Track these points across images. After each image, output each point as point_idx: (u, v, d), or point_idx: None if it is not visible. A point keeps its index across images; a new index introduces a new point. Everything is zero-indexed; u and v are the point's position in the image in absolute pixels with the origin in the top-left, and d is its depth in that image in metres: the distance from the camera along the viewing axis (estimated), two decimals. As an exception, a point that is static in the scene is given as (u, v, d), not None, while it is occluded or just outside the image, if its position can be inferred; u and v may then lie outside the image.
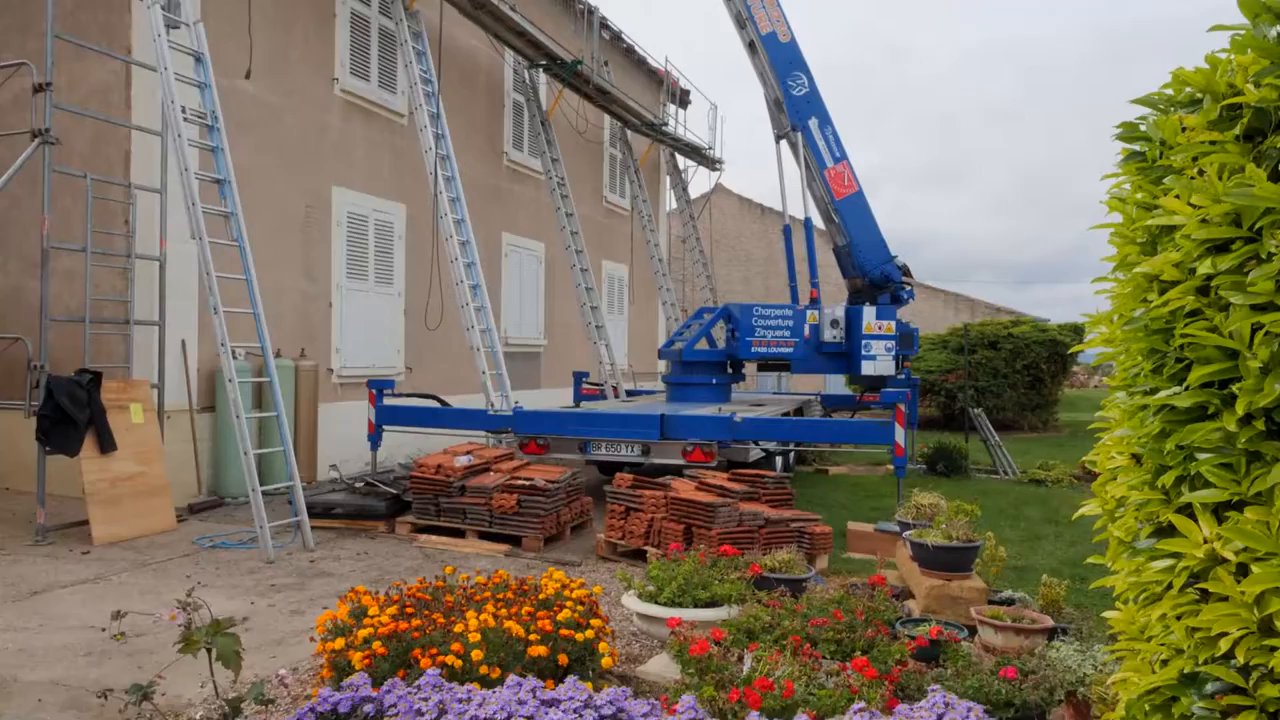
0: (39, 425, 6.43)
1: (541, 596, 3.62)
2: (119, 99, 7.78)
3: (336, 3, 9.81)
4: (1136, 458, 1.93)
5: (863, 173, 10.40)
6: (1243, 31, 1.70)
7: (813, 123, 10.12)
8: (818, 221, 10.59)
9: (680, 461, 7.48)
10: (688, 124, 17.76)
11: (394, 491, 7.31)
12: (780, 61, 10.22)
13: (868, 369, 9.66)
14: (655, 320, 18.64)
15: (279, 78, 9.05)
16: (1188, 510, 1.72)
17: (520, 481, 6.74)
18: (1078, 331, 17.28)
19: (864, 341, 9.64)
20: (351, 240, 10.04)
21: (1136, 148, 2.00)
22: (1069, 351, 16.59)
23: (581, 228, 13.13)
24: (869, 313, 9.71)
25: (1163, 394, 1.74)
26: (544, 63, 12.25)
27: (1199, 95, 1.82)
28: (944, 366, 17.50)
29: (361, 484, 7.60)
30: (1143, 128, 1.99)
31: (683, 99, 17.98)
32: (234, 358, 6.78)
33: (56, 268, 7.18)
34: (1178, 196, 1.74)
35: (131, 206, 7.58)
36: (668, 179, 18.23)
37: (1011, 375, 16.99)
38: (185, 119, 6.82)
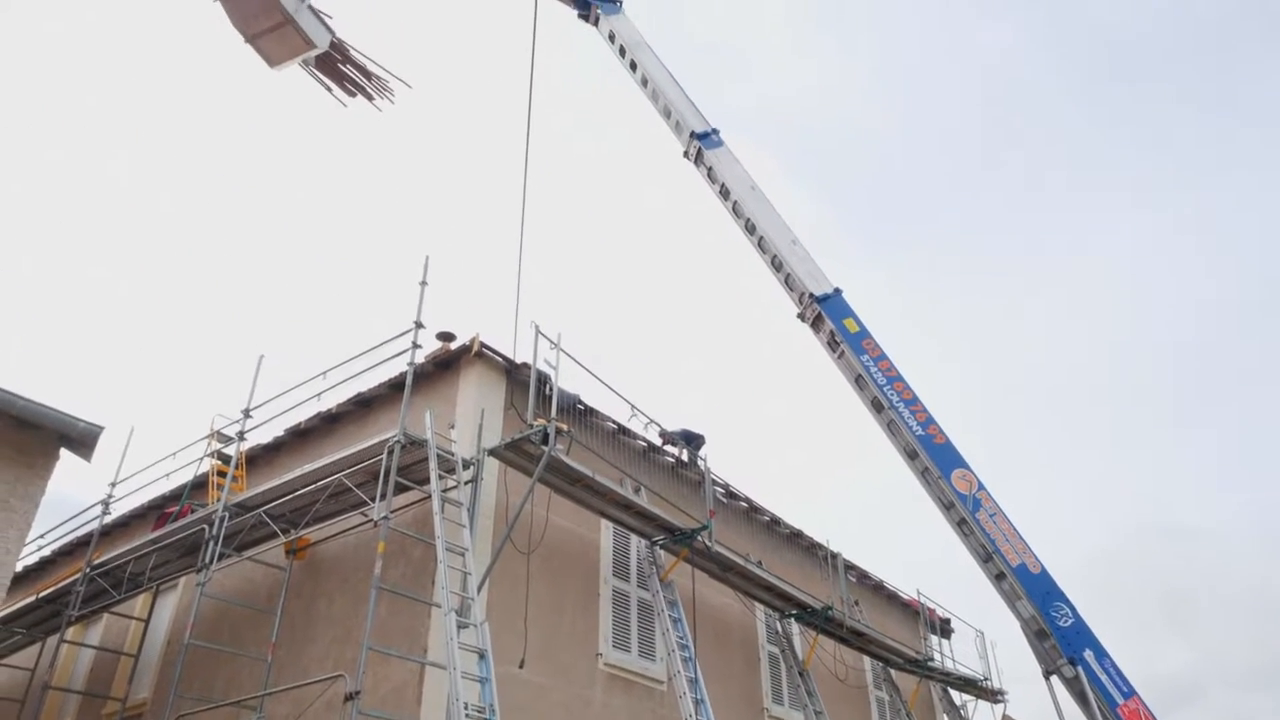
0: None
1: None
2: (412, 695, 8.54)
3: (600, 583, 10.81)
4: None
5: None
6: None
7: (1088, 655, 9.27)
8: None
9: None
10: (954, 654, 16.76)
11: None
12: (1036, 593, 9.81)
13: None
14: None
15: (548, 660, 9.69)
16: None
17: None
18: None
19: None
20: (614, 822, 9.62)
21: None
22: None
23: (856, 787, 11.95)
24: None
25: None
26: (794, 612, 12.46)
27: None
28: None
29: None
30: None
31: (943, 629, 17.22)
32: None
33: None
34: None
35: (411, 804, 7.84)
36: (945, 718, 16.69)
37: None
38: (466, 714, 7.31)
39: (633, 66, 15.84)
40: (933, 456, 11.11)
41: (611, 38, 16.27)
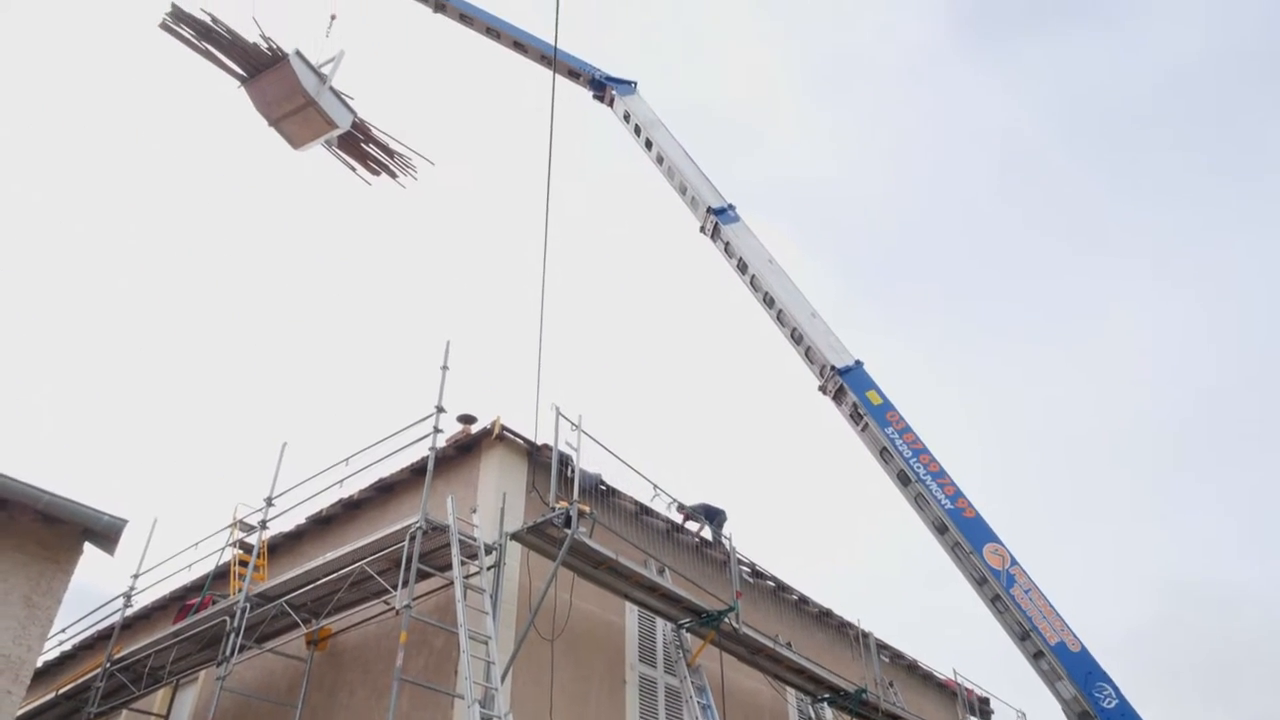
0: None
1: None
2: (435, 793, 8.30)
3: (626, 669, 10.54)
4: None
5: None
6: None
7: (1138, 739, 8.89)
8: None
9: None
10: (995, 735, 16.16)
11: None
12: (1077, 672, 9.46)
13: None
14: None
15: (575, 751, 9.42)
16: None
17: None
18: None
19: None
20: None
21: None
22: None
23: None
24: None
25: None
26: (827, 695, 12.07)
27: None
28: None
29: None
30: None
31: (983, 709, 16.62)
32: None
33: None
34: None
35: None
36: (988, 803, 16.00)
37: None
38: (490, 815, 7.08)
39: (648, 145, 16.13)
40: (963, 531, 10.88)
41: (626, 118, 16.61)
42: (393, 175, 15.53)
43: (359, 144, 15.11)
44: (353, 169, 15.35)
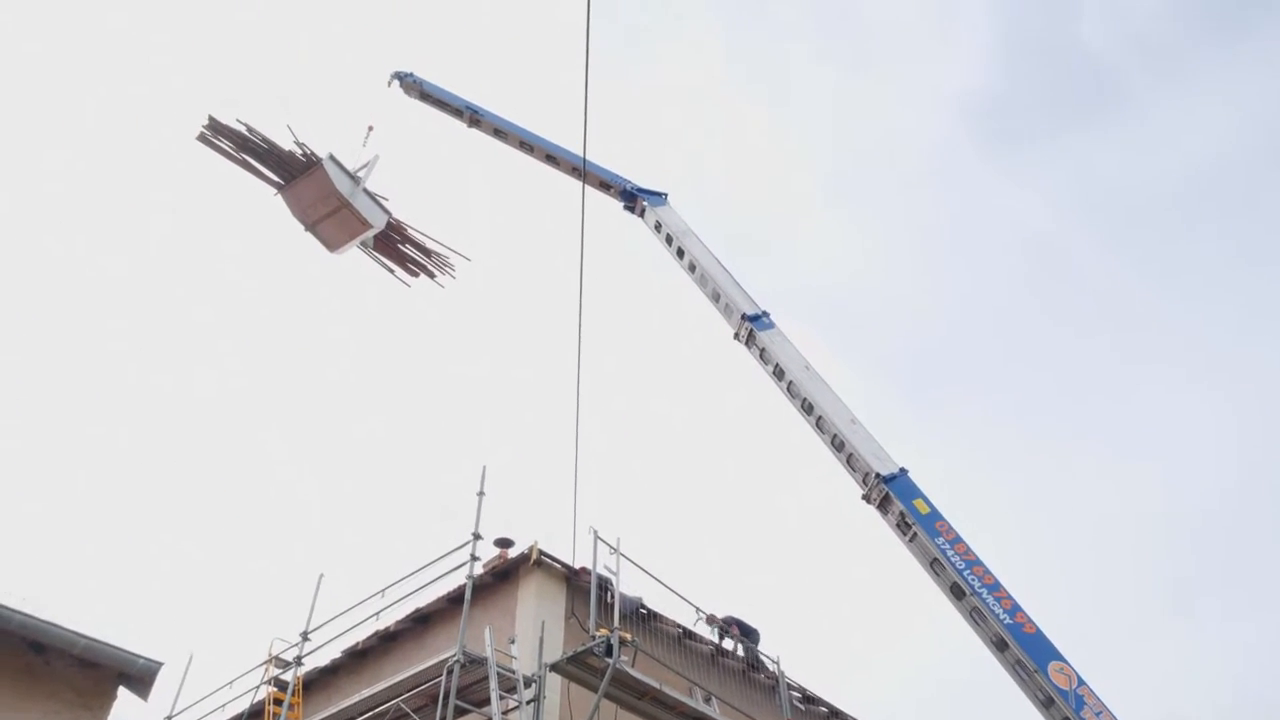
0: None
1: None
2: None
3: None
4: None
5: None
6: None
7: None
8: None
9: None
10: None
11: None
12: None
13: None
14: None
15: None
16: None
17: None
18: None
19: None
20: None
21: None
22: None
23: None
24: None
25: None
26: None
27: None
28: None
29: None
30: None
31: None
32: None
33: None
34: None
35: None
36: None
37: None
38: None
39: (680, 254, 16.26)
40: (1024, 648, 10.34)
41: (658, 227, 16.79)
42: (431, 275, 15.65)
43: (395, 245, 15.28)
44: (391, 271, 15.52)
